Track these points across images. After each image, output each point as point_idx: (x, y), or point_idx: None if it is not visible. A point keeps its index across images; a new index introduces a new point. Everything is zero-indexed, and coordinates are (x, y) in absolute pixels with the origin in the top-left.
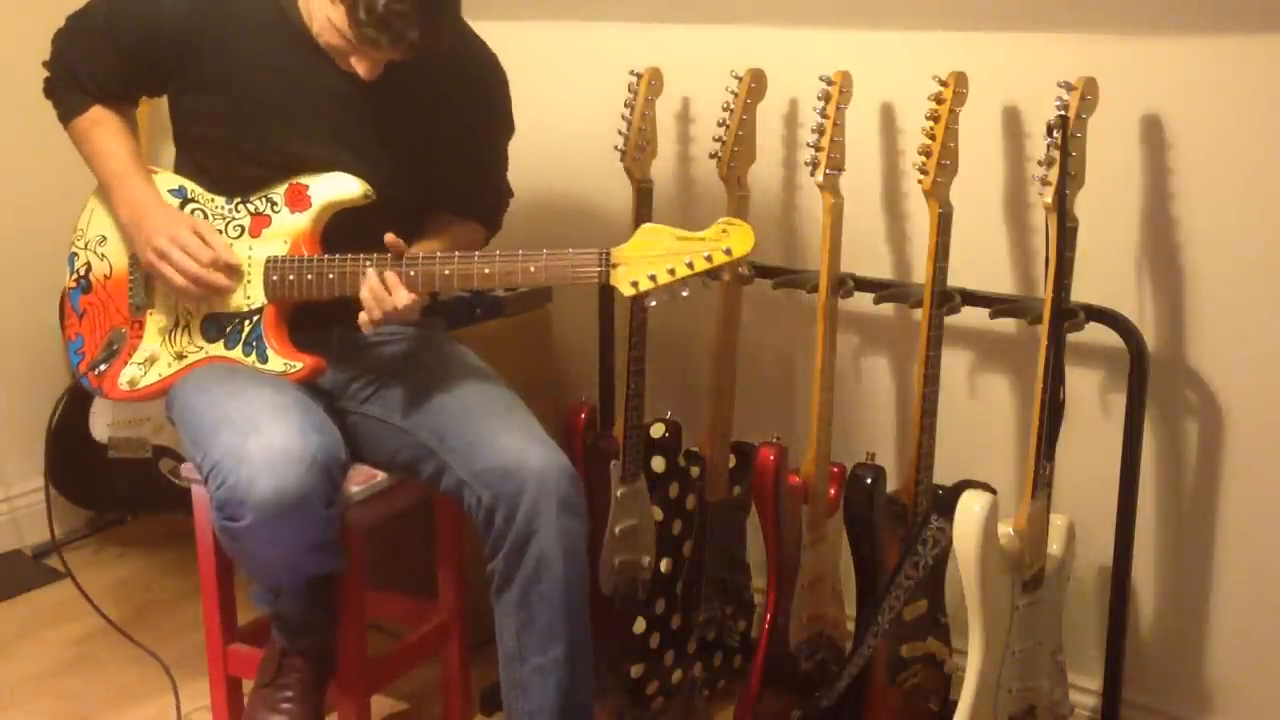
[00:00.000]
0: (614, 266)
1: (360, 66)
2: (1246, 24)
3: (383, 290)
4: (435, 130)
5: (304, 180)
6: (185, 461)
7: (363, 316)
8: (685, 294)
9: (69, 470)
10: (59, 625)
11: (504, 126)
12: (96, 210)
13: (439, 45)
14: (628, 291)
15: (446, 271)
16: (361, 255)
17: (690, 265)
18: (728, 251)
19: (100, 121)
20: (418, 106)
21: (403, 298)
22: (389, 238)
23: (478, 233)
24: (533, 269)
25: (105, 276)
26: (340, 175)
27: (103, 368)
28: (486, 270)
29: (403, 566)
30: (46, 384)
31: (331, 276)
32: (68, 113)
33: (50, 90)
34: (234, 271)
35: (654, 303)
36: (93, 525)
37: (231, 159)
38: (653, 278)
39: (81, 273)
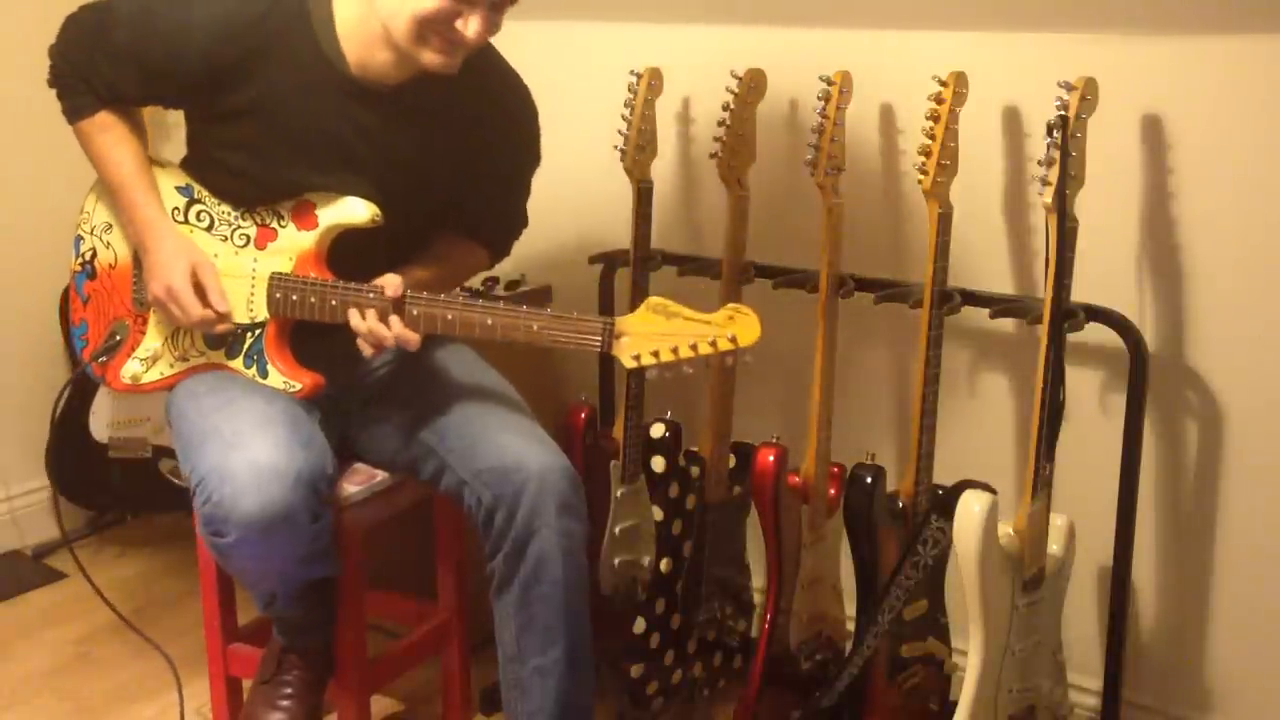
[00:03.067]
0: (617, 337)
1: (450, 53)
2: (1246, 24)
3: (382, 329)
4: (459, 157)
5: (312, 197)
6: None
7: (363, 345)
8: (689, 370)
9: (69, 470)
10: (59, 625)
11: (531, 157)
12: (103, 195)
13: None
14: (628, 364)
15: (449, 316)
16: (365, 287)
17: (694, 348)
18: (733, 339)
19: (107, 127)
20: (440, 137)
21: (399, 330)
22: (389, 290)
23: (479, 257)
24: (535, 327)
25: (110, 266)
26: (349, 197)
27: (104, 359)
28: (489, 321)
29: (403, 566)
30: (47, 384)
31: (334, 303)
32: (75, 113)
33: (57, 84)
34: (227, 318)
35: (653, 374)
36: (93, 525)
37: (242, 183)
38: (655, 354)
39: (87, 258)
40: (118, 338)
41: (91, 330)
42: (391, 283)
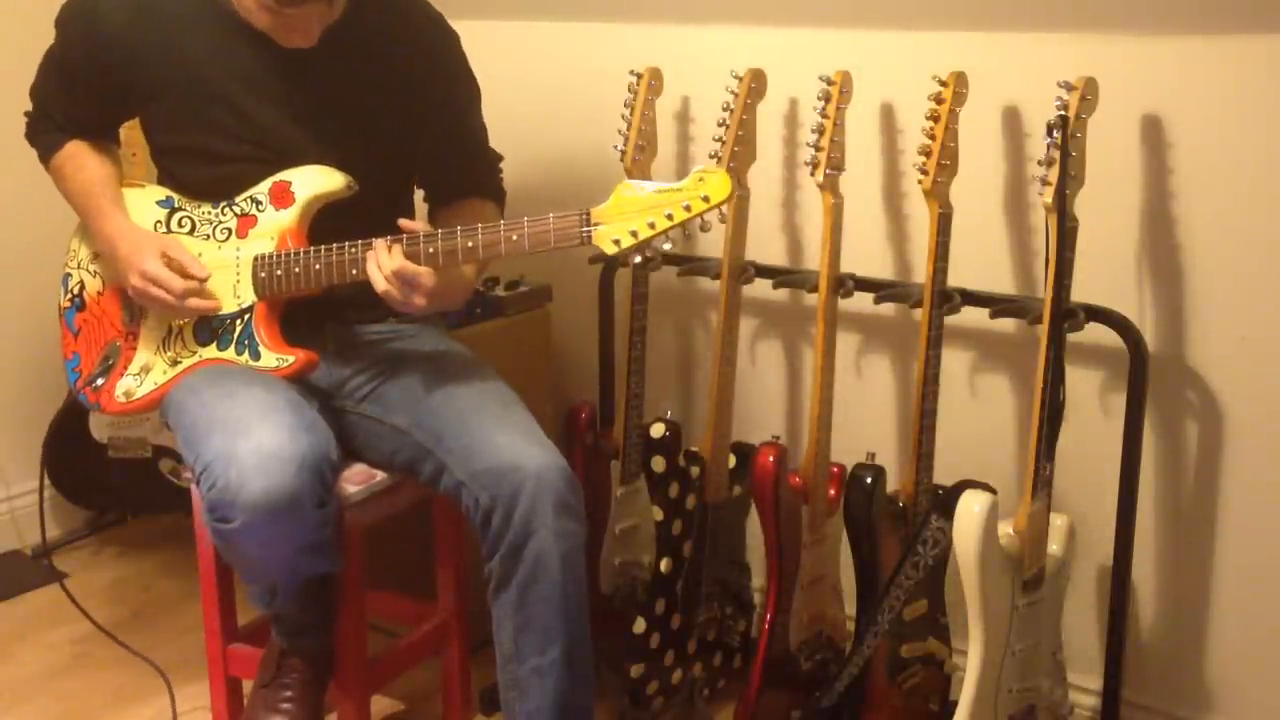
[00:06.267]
0: (595, 226)
1: (297, 35)
2: (1246, 24)
3: (377, 274)
4: (394, 99)
5: (286, 177)
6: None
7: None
8: (667, 246)
9: (69, 470)
10: (58, 626)
11: (466, 84)
12: (85, 233)
13: None
14: (610, 250)
15: (431, 250)
16: (347, 243)
17: (670, 217)
18: (705, 199)
19: (73, 155)
20: (369, 77)
21: (398, 260)
22: (403, 223)
23: (485, 208)
24: (515, 236)
25: (99, 293)
26: (321, 168)
27: (100, 382)
28: (469, 244)
29: (402, 566)
30: (47, 384)
31: (318, 267)
32: (45, 152)
33: (30, 135)
34: (207, 288)
35: (638, 258)
36: (92, 525)
37: (202, 160)
38: (634, 233)
39: (75, 291)
40: (110, 360)
41: (84, 361)
42: (409, 225)
